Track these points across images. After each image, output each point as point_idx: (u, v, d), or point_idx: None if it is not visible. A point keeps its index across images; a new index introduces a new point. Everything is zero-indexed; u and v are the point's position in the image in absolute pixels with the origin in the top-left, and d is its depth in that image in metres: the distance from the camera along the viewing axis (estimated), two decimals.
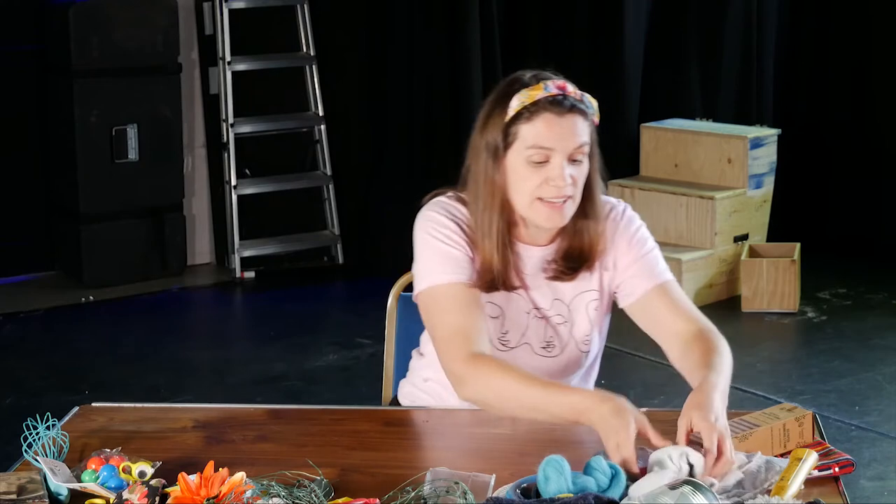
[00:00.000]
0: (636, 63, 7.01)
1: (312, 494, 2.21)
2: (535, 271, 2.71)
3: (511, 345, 2.72)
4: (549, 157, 2.60)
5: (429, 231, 2.69)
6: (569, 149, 2.60)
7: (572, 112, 2.61)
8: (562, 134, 2.59)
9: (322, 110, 6.99)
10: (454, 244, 2.67)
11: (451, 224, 2.69)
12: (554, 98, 2.60)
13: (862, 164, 7.10)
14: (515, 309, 2.72)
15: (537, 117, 2.60)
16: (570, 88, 2.63)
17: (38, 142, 6.75)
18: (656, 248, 2.79)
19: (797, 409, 2.48)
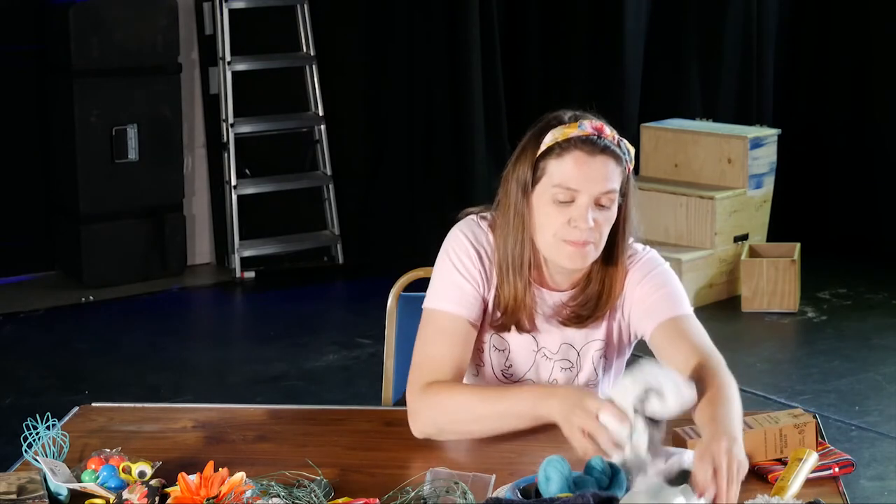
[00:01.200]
0: (636, 63, 7.01)
1: (312, 494, 2.21)
2: (548, 316, 2.67)
3: (514, 378, 2.72)
4: (575, 198, 2.54)
5: (450, 255, 2.66)
6: (595, 192, 2.53)
7: (604, 154, 2.54)
8: (590, 175, 2.53)
9: (322, 110, 6.99)
10: (468, 277, 2.63)
11: (474, 254, 2.65)
12: (587, 137, 2.54)
13: (862, 164, 7.10)
14: (523, 347, 2.70)
15: (567, 154, 2.54)
16: (606, 131, 2.56)
17: (38, 142, 6.75)
18: (673, 284, 2.68)
19: (803, 415, 2.43)
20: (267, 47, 6.97)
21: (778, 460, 2.38)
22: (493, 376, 2.71)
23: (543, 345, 2.69)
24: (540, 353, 2.70)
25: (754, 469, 2.38)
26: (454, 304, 2.62)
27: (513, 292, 2.62)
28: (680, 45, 7.10)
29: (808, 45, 7.26)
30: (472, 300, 2.63)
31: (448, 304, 2.63)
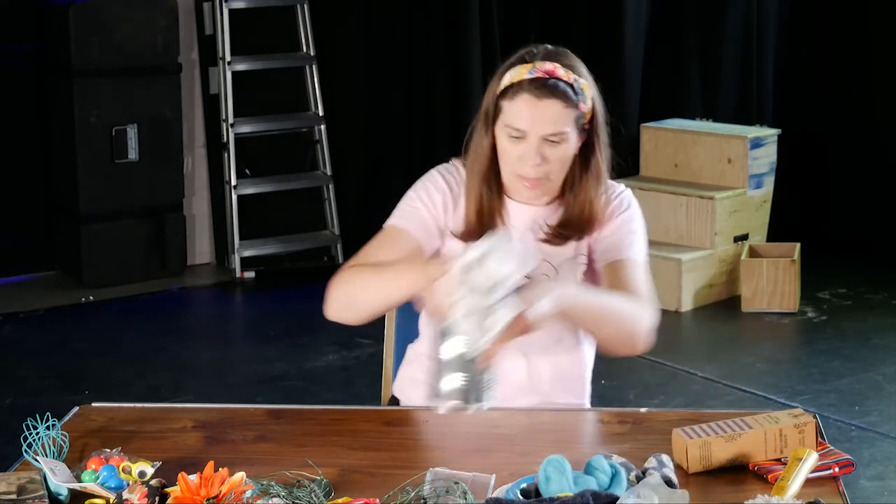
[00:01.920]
0: (636, 63, 7.01)
1: (312, 494, 2.21)
2: (525, 230, 2.78)
3: None
4: (525, 137, 2.68)
5: (416, 185, 2.84)
6: (542, 133, 2.67)
7: (552, 97, 2.67)
8: (536, 117, 2.67)
9: (322, 110, 6.99)
10: (425, 203, 2.79)
11: (441, 184, 2.81)
12: (536, 80, 2.67)
13: (862, 165, 7.10)
14: None
15: (517, 97, 2.68)
16: (559, 72, 2.68)
17: (38, 142, 6.75)
18: (639, 234, 2.82)
19: (803, 415, 2.43)
20: (267, 47, 6.97)
21: (778, 460, 2.37)
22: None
23: None
24: None
25: (754, 469, 2.38)
26: (400, 219, 2.79)
27: (477, 202, 2.76)
28: (680, 45, 7.10)
29: (808, 45, 7.27)
30: (420, 219, 2.78)
31: (395, 220, 2.80)
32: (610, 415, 2.71)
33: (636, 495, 2.13)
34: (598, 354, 2.90)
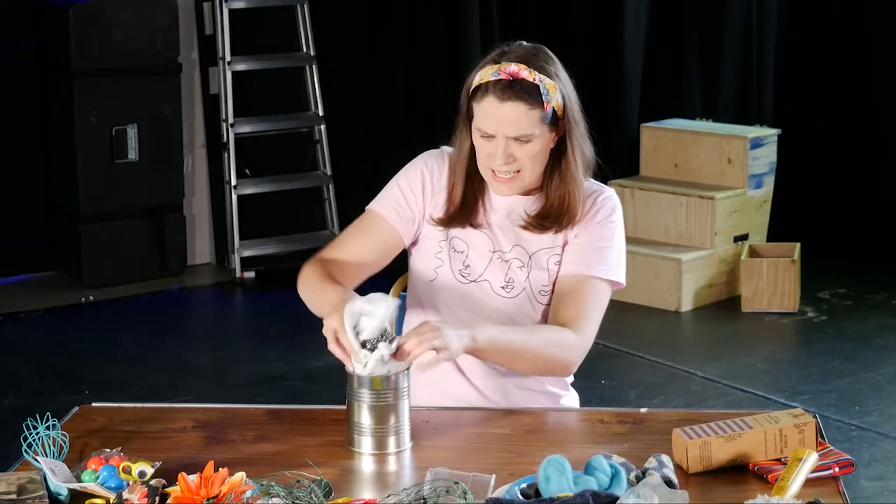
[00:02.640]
0: (636, 63, 7.01)
1: (312, 494, 2.21)
2: (504, 215, 2.84)
3: (471, 278, 2.84)
4: (493, 136, 2.74)
5: (402, 170, 2.92)
6: (506, 134, 2.73)
7: (515, 100, 2.72)
8: (500, 120, 2.72)
9: (322, 110, 6.99)
10: (404, 190, 2.87)
11: (424, 171, 2.88)
12: (499, 82, 2.72)
13: (862, 164, 7.10)
14: (480, 247, 2.85)
15: (483, 99, 2.74)
16: (523, 74, 2.72)
17: (39, 142, 6.75)
18: (616, 248, 2.85)
19: (803, 415, 2.43)
20: (267, 47, 6.97)
21: (778, 460, 2.38)
22: (452, 276, 2.85)
23: (501, 247, 2.84)
24: (496, 255, 2.84)
25: (754, 469, 2.38)
26: (379, 203, 2.90)
27: (458, 190, 2.83)
28: (680, 45, 7.10)
29: (808, 45, 7.27)
30: (397, 205, 2.87)
31: (375, 204, 2.90)
32: (610, 415, 2.71)
33: (636, 495, 2.13)
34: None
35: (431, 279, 2.86)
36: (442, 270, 2.85)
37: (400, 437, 2.51)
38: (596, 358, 5.53)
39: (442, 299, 2.86)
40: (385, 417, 2.50)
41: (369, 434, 2.50)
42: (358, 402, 2.51)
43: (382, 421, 2.50)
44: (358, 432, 2.51)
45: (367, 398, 2.49)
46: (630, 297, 6.27)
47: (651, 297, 6.28)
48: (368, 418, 2.50)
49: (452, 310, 2.84)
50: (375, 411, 2.50)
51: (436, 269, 2.86)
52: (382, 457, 2.50)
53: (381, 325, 2.48)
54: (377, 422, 2.50)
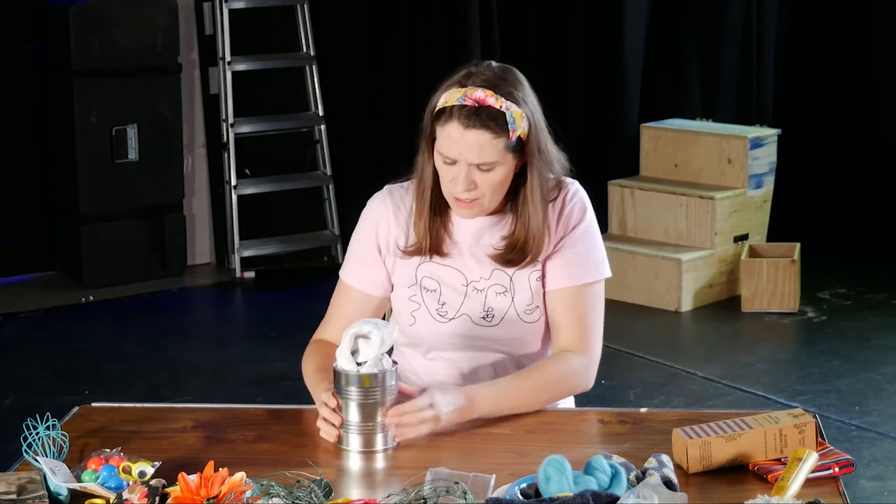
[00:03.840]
0: (636, 63, 7.01)
1: (312, 494, 2.21)
2: (473, 242, 2.80)
3: (449, 316, 2.80)
4: (455, 162, 2.69)
5: (360, 220, 2.89)
6: (469, 161, 2.67)
7: (479, 127, 2.65)
8: (463, 147, 2.66)
9: (322, 110, 6.99)
10: (362, 248, 2.85)
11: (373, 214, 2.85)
12: (464, 108, 2.66)
13: (862, 164, 7.10)
14: (452, 282, 2.80)
15: (448, 124, 2.68)
16: (490, 101, 2.65)
17: (38, 142, 6.75)
18: (595, 246, 2.81)
19: (803, 415, 2.42)
20: (267, 47, 6.97)
21: (778, 460, 2.37)
22: (430, 317, 2.81)
23: (472, 278, 2.79)
24: (471, 287, 2.80)
25: (754, 469, 2.38)
26: (347, 271, 2.88)
27: (424, 219, 2.78)
28: (680, 45, 7.10)
29: (808, 45, 7.26)
30: (362, 269, 2.85)
31: (344, 273, 2.89)
32: (610, 415, 2.71)
33: (636, 495, 2.13)
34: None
35: (411, 324, 2.82)
36: (419, 314, 2.81)
37: (387, 434, 2.52)
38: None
39: (426, 341, 2.83)
40: (372, 415, 2.51)
41: (357, 432, 2.51)
42: (346, 399, 2.52)
43: (370, 419, 2.51)
44: (346, 430, 2.52)
45: (354, 395, 2.50)
46: (630, 297, 6.27)
47: (651, 297, 6.28)
48: (356, 416, 2.51)
49: (441, 348, 2.82)
50: (363, 409, 2.51)
51: (412, 312, 2.82)
52: (371, 455, 2.51)
53: (377, 352, 2.51)
54: (365, 419, 2.51)
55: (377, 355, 2.51)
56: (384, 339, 2.50)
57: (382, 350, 2.51)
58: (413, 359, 2.87)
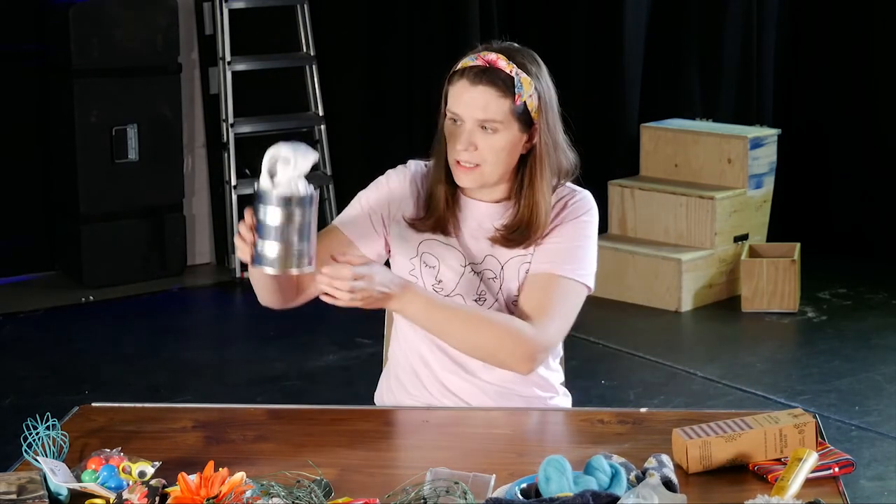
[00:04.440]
0: (636, 63, 7.01)
1: (312, 494, 2.21)
2: (476, 226, 2.82)
3: (444, 293, 2.82)
4: (462, 122, 2.74)
5: (375, 182, 2.94)
6: (474, 118, 2.72)
7: (486, 84, 2.72)
8: (468, 103, 2.72)
9: (322, 110, 6.99)
10: (362, 204, 2.89)
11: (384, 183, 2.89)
12: (474, 67, 2.73)
13: (862, 164, 7.10)
14: (451, 261, 2.83)
15: (457, 83, 2.75)
16: (500, 63, 2.72)
17: (38, 142, 6.75)
18: (587, 248, 2.80)
19: (803, 415, 2.42)
20: (267, 47, 6.97)
21: (778, 460, 2.38)
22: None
23: (471, 260, 2.82)
24: (468, 269, 2.82)
25: (754, 469, 2.38)
26: (340, 217, 2.93)
27: (435, 195, 2.82)
28: (680, 45, 7.10)
29: (808, 45, 7.26)
30: (353, 218, 2.89)
31: (339, 219, 2.93)
32: (610, 415, 2.71)
33: (636, 495, 2.13)
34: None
35: None
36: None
37: (301, 258, 2.51)
38: (596, 358, 5.55)
39: None
40: (283, 235, 2.50)
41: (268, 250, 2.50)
42: (260, 220, 2.50)
43: (281, 238, 2.50)
44: (258, 248, 2.51)
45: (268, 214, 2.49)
46: (630, 297, 6.27)
47: (651, 297, 6.28)
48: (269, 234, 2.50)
49: None
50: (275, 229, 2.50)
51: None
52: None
53: (295, 174, 2.49)
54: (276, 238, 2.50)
55: (291, 176, 2.48)
56: (298, 162, 2.48)
57: (297, 172, 2.48)
58: (405, 331, 2.88)
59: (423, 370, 2.86)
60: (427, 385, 2.85)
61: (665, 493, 2.16)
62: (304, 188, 2.49)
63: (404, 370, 2.90)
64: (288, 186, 2.48)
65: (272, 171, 2.49)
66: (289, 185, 2.48)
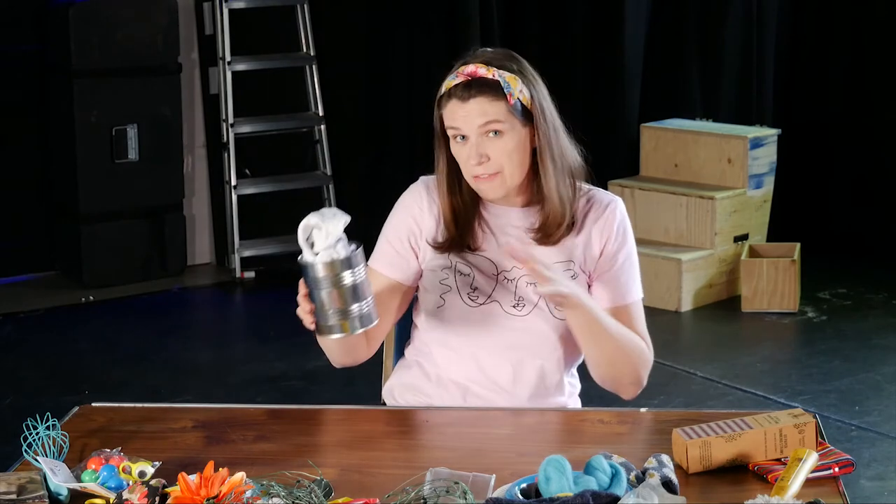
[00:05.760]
0: (636, 63, 7.01)
1: (312, 494, 2.21)
2: (510, 231, 2.83)
3: (480, 301, 2.82)
4: (467, 138, 2.75)
5: (395, 209, 2.95)
6: (476, 127, 2.73)
7: (476, 94, 2.74)
8: (466, 117, 2.74)
9: (322, 110, 6.99)
10: (390, 239, 2.90)
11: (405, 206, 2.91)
12: (458, 85, 2.76)
13: (862, 164, 7.10)
14: (485, 269, 2.83)
15: (448, 105, 2.78)
16: (481, 72, 2.75)
17: (38, 142, 6.75)
18: (636, 265, 2.88)
19: (803, 415, 2.42)
20: (267, 47, 6.97)
21: (778, 460, 2.38)
22: (461, 300, 2.83)
23: (504, 267, 2.82)
24: (501, 276, 2.82)
25: (754, 469, 2.38)
26: (374, 258, 2.91)
27: (449, 213, 2.83)
28: (680, 45, 7.10)
29: (808, 45, 7.26)
30: (389, 257, 2.89)
31: (372, 259, 2.90)
32: (610, 415, 2.71)
33: (636, 496, 2.13)
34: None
35: (440, 306, 2.84)
36: (449, 296, 2.83)
37: (359, 317, 2.53)
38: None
39: (453, 325, 2.83)
40: (336, 300, 2.52)
41: (325, 318, 2.53)
42: (311, 289, 2.54)
43: (334, 304, 2.52)
44: (318, 316, 2.55)
45: (315, 284, 2.52)
46: None
47: (651, 297, 6.27)
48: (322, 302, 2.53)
49: (465, 334, 2.82)
50: (327, 295, 2.52)
51: (443, 295, 2.83)
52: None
53: (329, 243, 2.51)
54: (329, 305, 2.52)
55: (328, 244, 2.50)
56: (329, 228, 2.51)
57: (330, 241, 2.51)
58: (432, 345, 2.87)
59: (453, 387, 2.85)
60: (452, 393, 2.85)
61: (665, 494, 2.16)
62: (343, 250, 2.51)
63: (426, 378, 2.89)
64: (328, 254, 2.50)
65: (310, 241, 2.54)
66: (328, 252, 2.50)
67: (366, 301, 2.53)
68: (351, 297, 2.52)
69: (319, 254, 2.51)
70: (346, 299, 2.52)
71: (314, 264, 2.50)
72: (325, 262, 2.50)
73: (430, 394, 2.86)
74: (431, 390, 2.86)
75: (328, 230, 2.51)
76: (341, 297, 2.51)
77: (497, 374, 2.81)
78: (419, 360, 2.90)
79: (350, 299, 2.52)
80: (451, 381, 2.85)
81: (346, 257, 2.51)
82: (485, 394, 2.83)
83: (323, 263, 2.50)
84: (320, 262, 2.50)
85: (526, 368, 2.82)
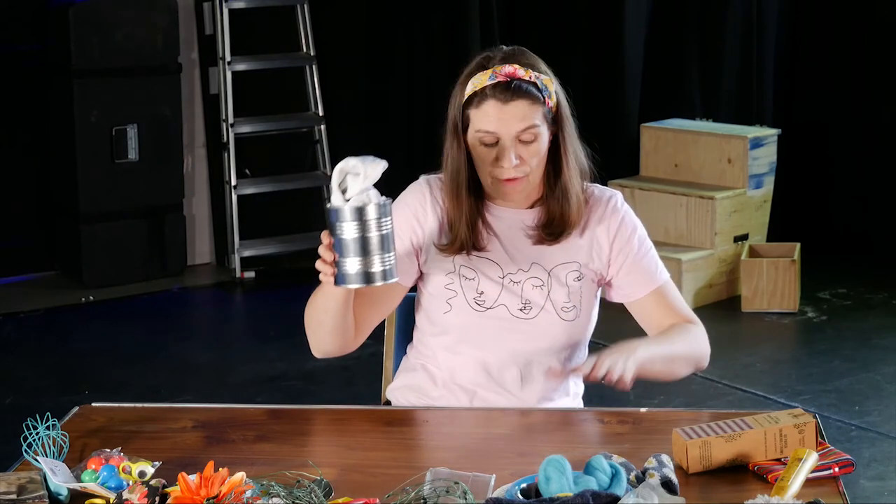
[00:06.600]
0: (636, 63, 7.01)
1: (312, 494, 2.21)
2: (514, 233, 2.82)
3: (486, 305, 2.80)
4: (498, 140, 2.72)
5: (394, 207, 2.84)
6: (513, 132, 2.71)
7: (517, 97, 2.71)
8: (506, 120, 2.71)
9: (322, 110, 6.99)
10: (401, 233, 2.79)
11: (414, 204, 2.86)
12: (498, 85, 2.71)
13: (862, 164, 7.10)
14: (490, 273, 2.81)
15: (484, 104, 2.73)
16: (520, 73, 2.72)
17: (38, 142, 6.75)
18: (653, 248, 2.92)
19: (803, 415, 2.42)
20: (267, 47, 6.97)
21: (778, 460, 2.38)
22: (467, 304, 2.81)
23: (509, 270, 2.81)
24: (507, 279, 2.81)
25: (754, 469, 2.38)
26: None
27: (456, 213, 2.80)
28: (680, 45, 7.10)
29: (808, 45, 7.27)
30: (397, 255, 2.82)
31: None
32: (610, 415, 2.71)
33: (636, 496, 2.13)
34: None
35: (445, 311, 2.81)
36: (456, 301, 2.81)
37: (384, 269, 2.50)
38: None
39: (457, 331, 2.81)
40: (363, 248, 2.49)
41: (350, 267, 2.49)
42: (337, 235, 2.51)
43: (361, 252, 2.49)
44: (340, 266, 2.51)
45: (344, 230, 2.49)
46: None
47: None
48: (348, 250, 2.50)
49: (472, 340, 2.81)
50: (354, 243, 2.49)
51: (449, 300, 2.81)
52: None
53: (366, 186, 2.49)
54: (356, 253, 2.49)
55: (363, 187, 2.48)
56: (368, 172, 2.48)
57: (367, 183, 2.48)
58: (438, 350, 2.85)
59: (460, 392, 2.85)
60: (459, 398, 2.85)
61: (665, 494, 2.16)
62: (376, 197, 2.49)
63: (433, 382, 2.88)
64: (360, 198, 2.48)
65: (343, 187, 2.50)
66: (361, 196, 2.48)
67: (390, 255, 2.50)
68: (378, 246, 2.48)
69: (352, 199, 2.48)
70: (373, 248, 2.48)
71: (345, 208, 2.47)
72: (357, 207, 2.47)
73: (436, 398, 2.85)
74: (438, 394, 2.86)
75: (366, 173, 2.48)
76: (368, 245, 2.48)
77: (505, 378, 2.81)
78: (424, 363, 2.89)
79: (376, 248, 2.48)
80: (458, 386, 2.84)
81: (379, 203, 2.48)
82: (492, 398, 2.82)
83: (356, 208, 2.47)
84: (353, 206, 2.47)
85: (534, 372, 2.82)
